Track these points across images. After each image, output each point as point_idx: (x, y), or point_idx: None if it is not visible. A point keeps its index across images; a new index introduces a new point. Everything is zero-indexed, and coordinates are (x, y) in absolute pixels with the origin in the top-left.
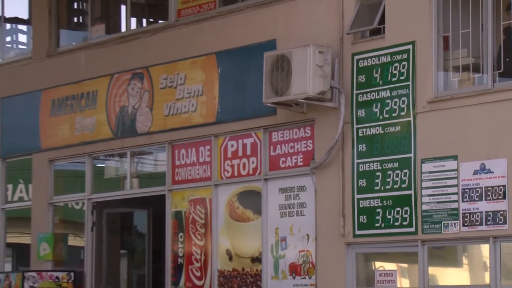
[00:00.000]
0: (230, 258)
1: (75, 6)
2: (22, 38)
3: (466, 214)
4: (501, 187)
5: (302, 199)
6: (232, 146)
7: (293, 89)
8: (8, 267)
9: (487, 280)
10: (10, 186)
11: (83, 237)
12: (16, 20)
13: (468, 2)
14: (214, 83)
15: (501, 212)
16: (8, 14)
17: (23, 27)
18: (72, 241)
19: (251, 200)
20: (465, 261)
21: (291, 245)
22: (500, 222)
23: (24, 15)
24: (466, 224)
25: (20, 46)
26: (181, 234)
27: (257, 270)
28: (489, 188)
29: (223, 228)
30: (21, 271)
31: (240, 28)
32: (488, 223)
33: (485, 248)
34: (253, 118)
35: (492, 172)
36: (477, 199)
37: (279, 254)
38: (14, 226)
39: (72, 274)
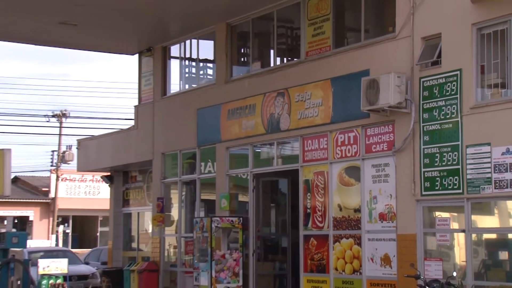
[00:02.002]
0: (340, 209)
1: (242, 50)
2: (210, 71)
3: (497, 181)
4: None
5: (387, 171)
6: (341, 137)
7: (381, 101)
8: (202, 214)
9: (511, 224)
10: (202, 164)
11: (247, 196)
12: (206, 60)
13: (497, 42)
14: (329, 98)
15: None
16: (201, 56)
17: (210, 65)
18: (241, 198)
19: (354, 172)
20: (496, 211)
21: (380, 201)
22: None
23: (211, 57)
24: (496, 187)
25: (208, 77)
26: (308, 194)
27: (358, 217)
28: None
29: (336, 190)
30: (210, 217)
31: (346, 62)
32: None
33: (510, 204)
34: (355, 119)
35: None
36: (504, 171)
37: (372, 207)
38: (205, 189)
39: (241, 219)
